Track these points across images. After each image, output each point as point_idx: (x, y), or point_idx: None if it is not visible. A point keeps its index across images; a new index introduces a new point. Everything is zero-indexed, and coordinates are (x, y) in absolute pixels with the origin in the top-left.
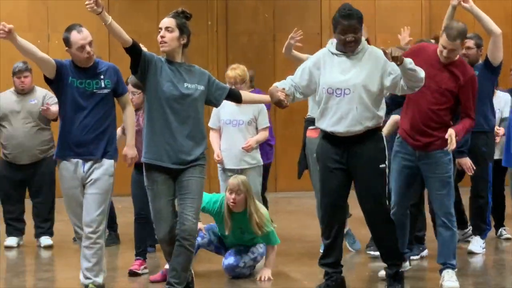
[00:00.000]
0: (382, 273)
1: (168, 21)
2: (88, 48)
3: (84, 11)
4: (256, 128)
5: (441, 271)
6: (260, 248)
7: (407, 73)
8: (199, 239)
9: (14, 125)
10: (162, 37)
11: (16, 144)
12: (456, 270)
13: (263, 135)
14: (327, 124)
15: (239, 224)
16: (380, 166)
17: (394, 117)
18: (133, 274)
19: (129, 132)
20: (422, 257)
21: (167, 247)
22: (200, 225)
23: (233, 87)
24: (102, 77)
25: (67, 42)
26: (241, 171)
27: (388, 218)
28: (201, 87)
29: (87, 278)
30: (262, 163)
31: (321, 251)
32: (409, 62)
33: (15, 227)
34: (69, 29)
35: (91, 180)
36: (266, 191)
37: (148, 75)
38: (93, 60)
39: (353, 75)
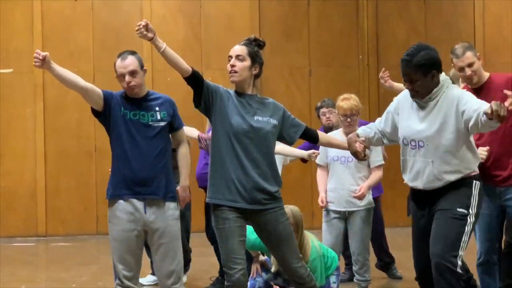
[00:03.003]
0: None
1: (239, 49)
2: (127, 77)
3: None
4: (369, 166)
5: None
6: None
7: (491, 126)
8: (264, 275)
9: None
10: (232, 66)
11: None
12: None
13: (376, 175)
14: (408, 178)
15: None
16: (459, 209)
17: None
18: None
19: (184, 172)
20: None
21: None
22: (262, 257)
23: (348, 119)
24: (157, 109)
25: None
26: (348, 214)
27: (454, 270)
28: (274, 121)
29: None
30: (373, 205)
31: None
32: None
33: None
34: (118, 55)
35: (158, 228)
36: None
37: (214, 108)
38: (138, 91)
39: (426, 125)
